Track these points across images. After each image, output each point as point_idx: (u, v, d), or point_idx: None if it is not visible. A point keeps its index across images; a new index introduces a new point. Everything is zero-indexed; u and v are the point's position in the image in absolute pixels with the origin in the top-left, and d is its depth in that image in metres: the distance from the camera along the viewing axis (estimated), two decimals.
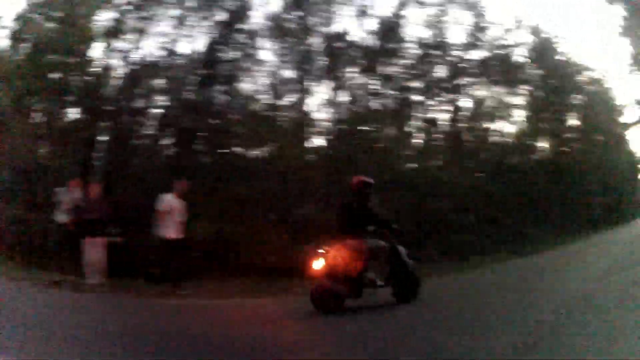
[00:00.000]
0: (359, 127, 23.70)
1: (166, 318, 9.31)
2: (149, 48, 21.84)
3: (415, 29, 27.15)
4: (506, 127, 32.89)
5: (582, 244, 27.59)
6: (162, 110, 21.89)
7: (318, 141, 23.77)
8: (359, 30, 25.41)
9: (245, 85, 22.91)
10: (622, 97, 46.01)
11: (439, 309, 9.56)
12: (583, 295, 10.16)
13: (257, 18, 23.36)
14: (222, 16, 22.59)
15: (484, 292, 12.41)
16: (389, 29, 25.89)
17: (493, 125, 31.36)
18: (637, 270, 14.29)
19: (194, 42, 22.27)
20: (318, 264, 9.03)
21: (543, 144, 36.34)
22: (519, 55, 32.54)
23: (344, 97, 24.65)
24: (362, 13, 25.45)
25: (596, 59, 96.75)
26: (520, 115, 33.71)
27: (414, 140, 27.31)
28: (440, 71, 27.66)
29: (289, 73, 23.36)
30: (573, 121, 39.53)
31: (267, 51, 23.41)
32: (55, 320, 8.46)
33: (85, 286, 11.95)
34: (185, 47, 22.31)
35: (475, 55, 29.13)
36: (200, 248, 16.26)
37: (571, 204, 34.93)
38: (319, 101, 23.74)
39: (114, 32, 21.16)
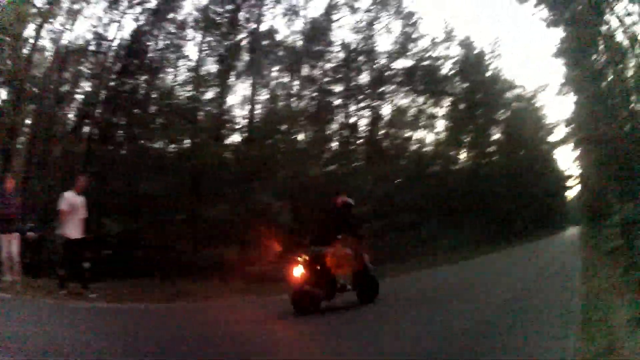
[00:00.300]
0: (276, 127, 23.63)
1: (63, 322, 8.59)
2: (80, 31, 21.60)
3: (343, 33, 27.97)
4: (428, 137, 34.44)
5: (500, 254, 28.48)
6: (83, 98, 21.64)
7: (237, 137, 23.82)
8: (286, 29, 26.50)
9: (168, 77, 22.82)
10: (553, 116, 48.90)
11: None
12: (500, 305, 10.78)
13: (187, 8, 23.39)
14: (153, 3, 22.44)
15: (401, 301, 12.48)
16: (317, 31, 26.48)
17: (414, 134, 32.70)
18: (551, 282, 15.03)
19: (122, 28, 22.06)
20: (298, 271, 9.92)
21: (465, 155, 38.35)
22: (447, 67, 34.17)
23: (265, 95, 25.06)
24: (292, 13, 25.84)
25: (530, 77, 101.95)
26: (443, 125, 35.43)
27: (331, 144, 27.91)
28: (365, 77, 28.62)
29: (212, 67, 23.39)
30: (497, 135, 41.72)
31: (193, 44, 23.37)
32: None
33: (2, 284, 11.38)
34: (115, 33, 21.96)
35: (402, 64, 30.21)
36: (110, 247, 16.15)
37: (492, 215, 36.79)
38: (240, 98, 23.84)
39: (47, 13, 20.44)
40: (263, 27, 24.98)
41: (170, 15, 22.89)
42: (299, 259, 10.09)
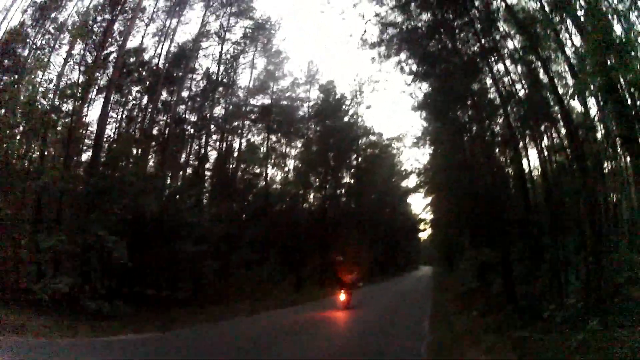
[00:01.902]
0: (123, 153, 23.55)
1: None
2: None
3: (207, 62, 31.29)
4: (277, 175, 37.98)
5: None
6: None
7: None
8: (153, 50, 27.36)
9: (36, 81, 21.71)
10: (409, 164, 53.87)
11: None
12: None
13: (69, 10, 23.27)
14: None
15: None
16: (182, 57, 28.45)
17: (263, 171, 35.67)
18: (395, 330, 16.33)
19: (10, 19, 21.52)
20: (343, 296, 22.16)
21: (313, 196, 41.71)
22: (304, 109, 38.11)
23: (120, 115, 26.35)
24: (163, 34, 27.55)
25: (390, 127, 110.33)
26: (294, 165, 38.98)
27: (179, 175, 29.55)
28: (221, 110, 31.21)
29: (78, 77, 23.06)
30: (347, 179, 45.66)
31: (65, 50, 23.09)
32: None
33: None
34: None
35: (260, 100, 33.57)
36: None
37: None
38: (98, 115, 23.61)
39: None
40: (132, 44, 26.21)
41: (53, 14, 22.95)
42: (343, 289, 22.27)
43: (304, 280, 34.16)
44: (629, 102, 13.07)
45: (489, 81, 23.97)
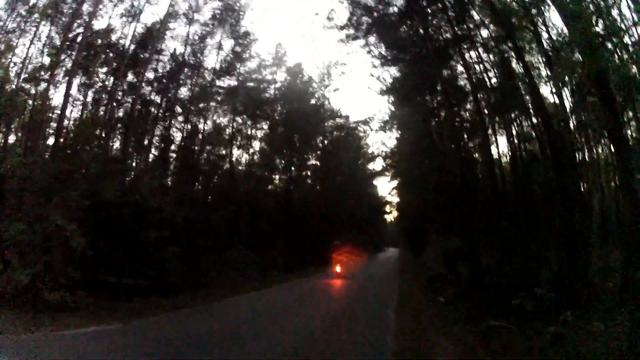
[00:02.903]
0: (86, 137, 21.67)
1: None
2: None
3: (174, 44, 30.73)
4: (243, 158, 38.04)
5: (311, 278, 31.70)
6: None
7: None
8: (120, 31, 27.07)
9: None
10: (375, 147, 53.54)
11: None
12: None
13: None
14: None
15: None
16: (149, 38, 28.30)
17: (228, 153, 35.68)
18: (360, 317, 16.17)
19: None
20: (338, 267, 31.74)
21: (279, 178, 41.88)
22: (270, 91, 38.30)
23: (88, 97, 26.28)
24: (131, 15, 27.27)
25: (357, 110, 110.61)
26: (260, 147, 39.42)
27: (142, 159, 29.46)
28: (187, 91, 31.24)
29: (41, 59, 23.21)
30: (313, 161, 46.22)
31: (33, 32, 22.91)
32: None
33: None
34: None
35: (227, 82, 33.37)
36: None
37: (305, 239, 39.93)
38: (67, 96, 23.45)
39: None
40: (100, 25, 25.88)
41: None
42: (338, 263, 32.06)
43: (270, 265, 33.95)
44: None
45: (460, 68, 24.28)
